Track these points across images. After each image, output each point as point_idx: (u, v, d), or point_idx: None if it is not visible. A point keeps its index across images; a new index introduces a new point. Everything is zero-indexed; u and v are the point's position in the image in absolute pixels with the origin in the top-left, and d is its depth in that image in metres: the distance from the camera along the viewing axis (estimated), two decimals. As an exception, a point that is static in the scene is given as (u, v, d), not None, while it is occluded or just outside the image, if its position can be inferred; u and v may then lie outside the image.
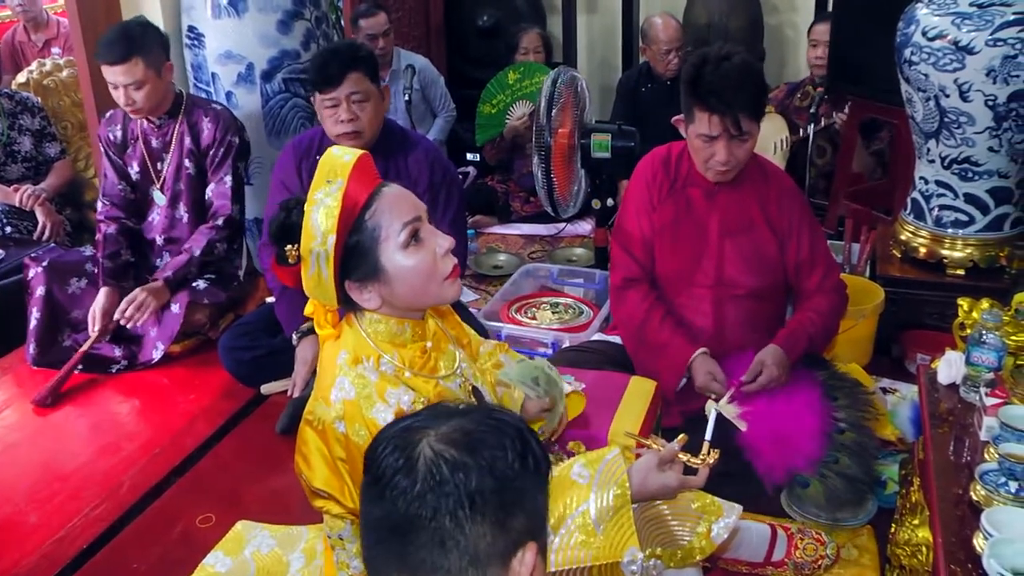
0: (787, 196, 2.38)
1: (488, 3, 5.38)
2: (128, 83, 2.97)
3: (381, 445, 1.01)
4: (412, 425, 1.03)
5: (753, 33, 4.98)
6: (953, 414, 1.86)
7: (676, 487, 1.61)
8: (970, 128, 2.64)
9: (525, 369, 1.83)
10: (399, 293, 1.56)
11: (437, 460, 0.96)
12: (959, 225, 2.81)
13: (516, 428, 1.02)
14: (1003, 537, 1.36)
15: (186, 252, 3.14)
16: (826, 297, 2.37)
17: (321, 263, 1.50)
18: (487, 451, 0.98)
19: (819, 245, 2.43)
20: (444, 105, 4.66)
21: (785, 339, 2.28)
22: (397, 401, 1.51)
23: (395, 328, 1.60)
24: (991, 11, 2.50)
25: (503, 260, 3.95)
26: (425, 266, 1.55)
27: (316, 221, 1.48)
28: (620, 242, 2.46)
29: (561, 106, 3.47)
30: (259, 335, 2.91)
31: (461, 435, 0.99)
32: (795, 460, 2.12)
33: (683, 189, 2.37)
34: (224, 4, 3.45)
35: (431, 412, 1.06)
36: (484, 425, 1.01)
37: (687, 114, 2.26)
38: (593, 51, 5.63)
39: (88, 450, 2.71)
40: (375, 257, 1.53)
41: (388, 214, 1.53)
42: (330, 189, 1.49)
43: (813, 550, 2.06)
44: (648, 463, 1.60)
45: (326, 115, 2.64)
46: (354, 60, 2.61)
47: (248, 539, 2.16)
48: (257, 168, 3.50)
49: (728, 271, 2.35)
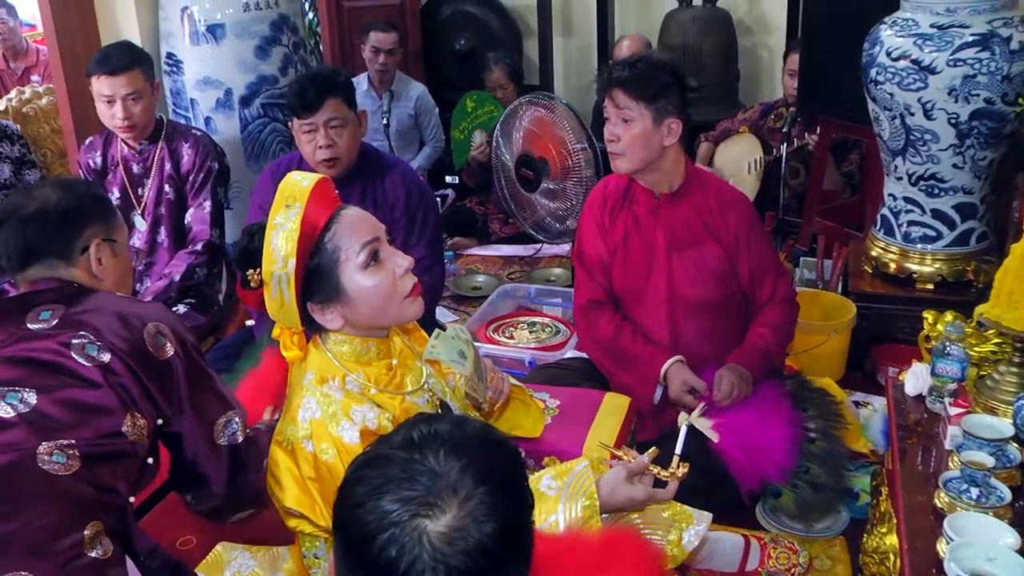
0: (730, 208, 2.41)
1: (465, 27, 5.45)
2: (128, 93, 2.98)
3: (379, 533, 0.92)
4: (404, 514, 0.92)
5: (727, 55, 5.05)
6: (920, 424, 1.90)
7: (644, 500, 1.63)
8: (935, 145, 2.70)
9: (449, 345, 1.81)
10: (360, 313, 1.59)
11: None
12: (927, 240, 2.86)
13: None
14: (963, 541, 1.39)
15: (166, 277, 3.15)
16: (778, 308, 2.42)
17: (283, 286, 1.52)
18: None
19: (768, 253, 2.47)
20: (435, 135, 4.72)
21: (738, 357, 2.33)
22: (362, 418, 1.54)
23: (359, 347, 1.62)
24: (951, 32, 2.57)
25: (482, 281, 3.99)
26: (385, 286, 1.58)
27: (276, 245, 1.51)
28: (581, 264, 2.51)
29: (523, 135, 3.46)
30: (238, 360, 2.92)
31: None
32: (767, 470, 2.15)
33: (630, 207, 2.43)
34: (202, 31, 3.50)
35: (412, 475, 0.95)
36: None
37: None
38: (569, 73, 5.69)
39: (68, 475, 2.70)
40: (336, 278, 1.55)
41: (347, 236, 1.56)
42: (289, 213, 1.52)
43: (786, 559, 2.09)
44: (617, 475, 1.62)
45: (304, 140, 2.67)
46: (332, 86, 2.64)
47: (228, 561, 2.16)
48: (236, 192, 3.52)
49: (679, 286, 2.39)
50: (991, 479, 1.56)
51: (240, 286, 1.61)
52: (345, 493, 0.97)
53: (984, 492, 1.54)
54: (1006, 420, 1.73)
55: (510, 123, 3.44)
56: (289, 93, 2.75)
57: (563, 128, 3.27)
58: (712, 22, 4.98)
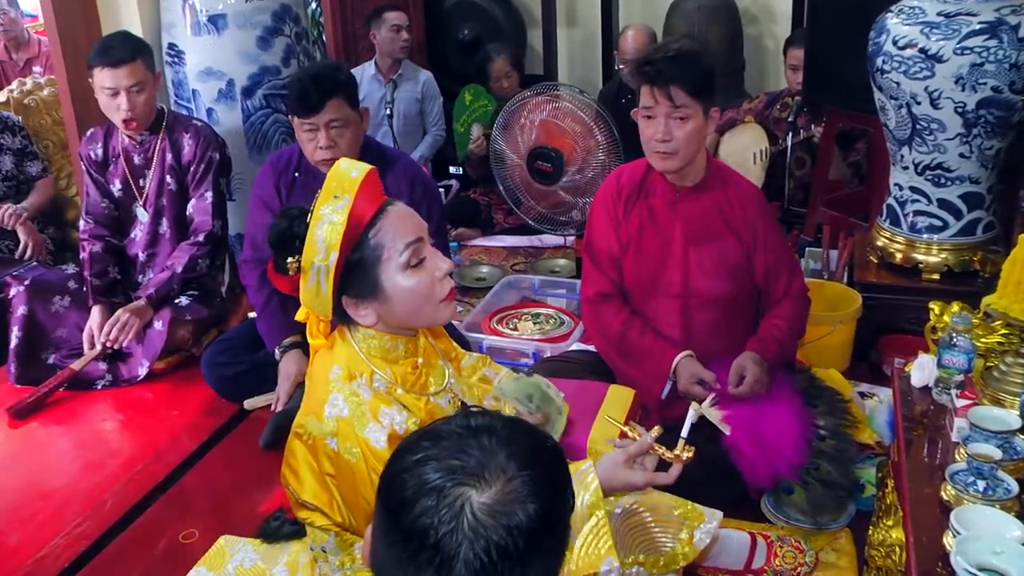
0: (748, 202, 2.39)
1: (468, 17, 5.43)
2: (131, 85, 2.98)
3: (417, 500, 0.93)
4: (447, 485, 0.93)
5: (732, 44, 5.03)
6: (926, 416, 1.89)
7: (643, 484, 1.61)
8: (941, 135, 2.68)
9: (520, 385, 1.85)
10: (395, 312, 1.58)
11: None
12: (933, 230, 2.84)
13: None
14: (970, 535, 1.38)
15: (168, 269, 3.15)
16: (792, 303, 2.40)
17: (321, 277, 1.51)
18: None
19: (783, 250, 2.45)
20: (436, 123, 4.71)
21: (756, 345, 2.30)
22: (391, 421, 1.53)
23: (388, 344, 1.62)
24: (958, 20, 2.55)
25: (486, 272, 3.97)
26: (423, 288, 1.57)
27: (320, 236, 1.50)
28: (590, 256, 2.48)
29: (537, 127, 3.45)
30: (241, 351, 2.92)
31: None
32: (779, 466, 2.14)
33: (646, 199, 2.39)
34: (204, 21, 3.48)
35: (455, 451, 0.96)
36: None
37: (637, 96, 2.30)
38: (573, 63, 5.67)
39: (71, 467, 2.71)
40: (375, 276, 1.54)
41: (391, 234, 1.55)
42: (337, 205, 1.50)
43: (792, 558, 2.07)
44: (614, 459, 1.61)
45: (305, 139, 2.64)
46: (335, 87, 2.59)
47: (231, 554, 2.17)
48: (239, 184, 3.51)
49: (694, 280, 2.36)
50: (998, 471, 1.55)
51: (275, 269, 1.59)
52: (393, 461, 0.98)
53: (991, 484, 1.53)
54: (1013, 412, 1.71)
55: (514, 116, 3.42)
56: (290, 93, 2.71)
57: (578, 118, 3.25)
58: (717, 11, 4.96)
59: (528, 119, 3.41)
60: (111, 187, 3.23)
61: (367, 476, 1.50)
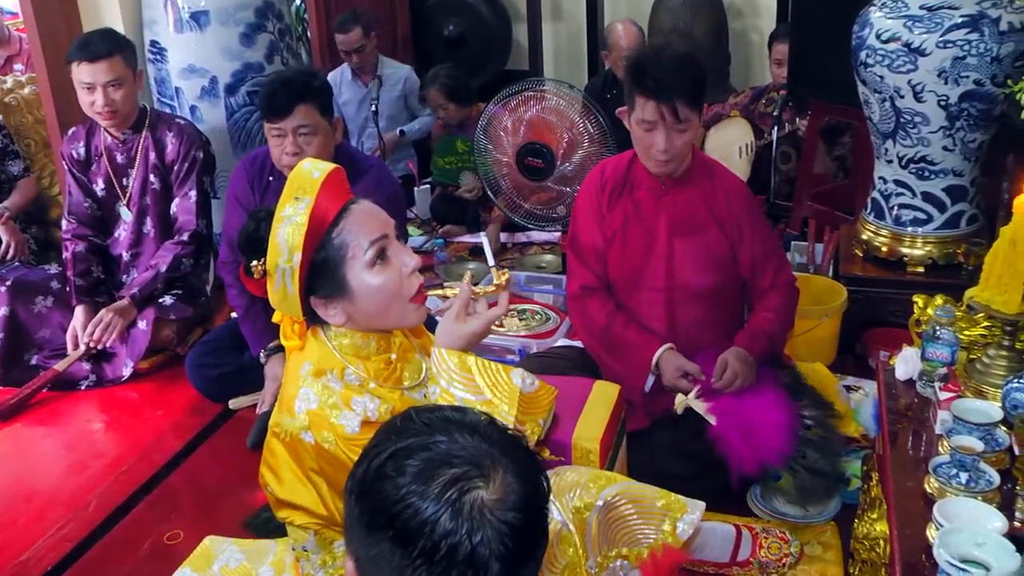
0: (734, 194, 2.39)
1: (454, 13, 5.41)
2: (109, 80, 2.95)
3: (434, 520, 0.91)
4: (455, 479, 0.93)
5: (718, 38, 5.03)
6: (911, 409, 1.89)
7: (482, 328, 1.64)
8: (925, 128, 2.68)
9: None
10: (363, 311, 1.57)
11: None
12: (918, 223, 2.85)
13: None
14: (952, 527, 1.38)
15: (152, 268, 3.13)
16: (780, 293, 2.40)
17: (287, 279, 1.51)
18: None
19: (770, 241, 2.46)
20: (424, 111, 4.68)
21: (745, 340, 2.30)
22: (364, 408, 1.53)
23: (360, 341, 1.61)
24: (940, 14, 2.55)
25: (472, 268, 3.96)
26: (391, 285, 1.56)
27: (282, 238, 1.49)
28: (574, 251, 2.48)
29: (525, 124, 3.42)
30: (226, 352, 2.90)
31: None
32: (766, 454, 2.14)
33: (631, 192, 2.39)
34: (186, 18, 3.46)
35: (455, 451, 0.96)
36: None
37: (629, 103, 2.28)
38: (559, 58, 5.66)
39: (54, 468, 2.69)
40: (341, 275, 1.54)
41: (355, 232, 1.54)
42: (298, 206, 1.50)
43: (777, 548, 2.08)
44: (445, 324, 1.63)
45: (272, 144, 2.61)
46: (305, 92, 2.55)
47: (216, 554, 2.16)
48: (223, 182, 3.49)
49: (679, 272, 2.36)
50: (980, 463, 1.55)
51: (243, 273, 1.59)
52: (375, 492, 0.95)
53: (973, 476, 1.53)
54: (995, 404, 1.71)
55: (496, 116, 3.42)
56: (260, 94, 2.68)
57: (565, 112, 3.24)
58: (703, 5, 4.96)
59: (515, 116, 3.41)
60: (94, 186, 3.21)
61: (347, 462, 1.50)
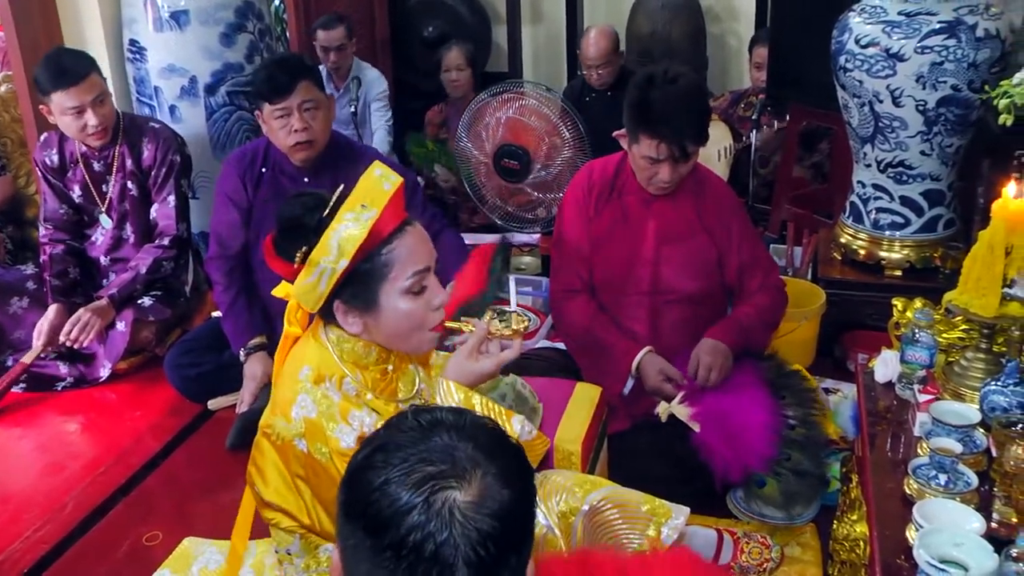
0: (722, 200, 2.41)
1: (434, 14, 5.40)
2: (93, 98, 2.94)
3: (404, 515, 0.90)
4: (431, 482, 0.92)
5: (695, 42, 5.05)
6: (890, 411, 1.91)
7: (493, 369, 1.64)
8: (903, 132, 2.71)
9: (494, 385, 1.85)
10: (383, 330, 1.58)
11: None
12: (896, 227, 2.88)
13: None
14: (932, 528, 1.40)
15: (132, 270, 3.11)
16: (766, 293, 2.41)
17: (324, 277, 1.50)
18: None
19: (758, 247, 2.47)
20: (385, 115, 4.54)
21: (717, 330, 2.31)
22: (360, 424, 1.53)
23: (362, 350, 1.61)
24: (918, 20, 2.58)
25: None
26: (417, 315, 1.57)
27: (336, 242, 1.48)
28: (559, 252, 2.48)
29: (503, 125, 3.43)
30: (205, 352, 2.89)
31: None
32: (750, 459, 2.15)
33: (619, 197, 2.40)
34: (166, 17, 3.43)
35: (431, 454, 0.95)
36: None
37: (632, 135, 2.26)
38: (538, 60, 5.67)
39: (31, 470, 2.66)
40: (375, 290, 1.54)
41: (404, 256, 1.54)
42: (362, 216, 1.48)
43: (758, 554, 2.09)
44: (458, 359, 1.64)
45: (276, 126, 2.61)
46: (302, 69, 2.61)
47: (196, 556, 2.15)
48: (203, 182, 3.48)
49: (664, 278, 2.37)
50: (958, 465, 1.57)
51: (276, 251, 1.56)
52: (356, 481, 0.95)
53: (952, 478, 1.55)
54: (973, 406, 1.74)
55: (478, 115, 3.42)
56: (258, 80, 2.69)
57: (544, 115, 3.25)
58: (680, 9, 4.97)
59: (493, 117, 3.40)
60: (71, 193, 3.18)
61: (336, 476, 1.49)
